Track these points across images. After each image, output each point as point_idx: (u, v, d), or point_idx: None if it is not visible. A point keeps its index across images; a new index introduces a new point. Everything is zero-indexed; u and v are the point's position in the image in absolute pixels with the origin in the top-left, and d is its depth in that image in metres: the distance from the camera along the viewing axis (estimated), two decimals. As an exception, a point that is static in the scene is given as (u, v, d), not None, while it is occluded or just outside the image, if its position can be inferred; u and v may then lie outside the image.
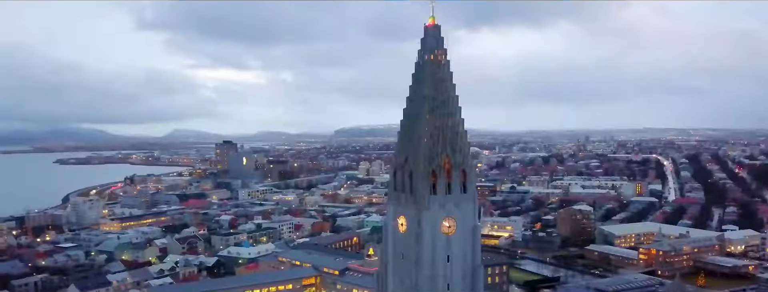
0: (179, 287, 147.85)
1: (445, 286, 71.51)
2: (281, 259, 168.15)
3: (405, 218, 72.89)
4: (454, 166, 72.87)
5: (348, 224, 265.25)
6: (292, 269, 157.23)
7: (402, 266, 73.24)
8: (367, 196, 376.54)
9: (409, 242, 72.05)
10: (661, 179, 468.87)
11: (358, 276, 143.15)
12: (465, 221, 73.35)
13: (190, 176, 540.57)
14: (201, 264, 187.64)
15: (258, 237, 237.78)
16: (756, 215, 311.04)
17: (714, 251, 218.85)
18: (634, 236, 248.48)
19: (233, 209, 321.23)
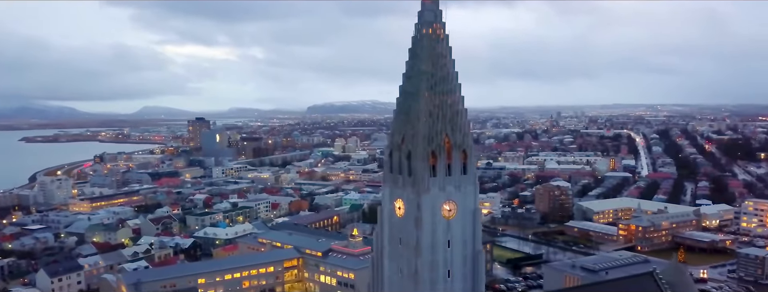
0: (156, 271, 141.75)
1: (445, 272, 67.53)
2: (261, 240, 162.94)
3: (402, 202, 68.34)
4: (454, 146, 68.38)
5: (326, 202, 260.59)
6: (273, 251, 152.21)
7: (399, 251, 68.94)
8: (343, 173, 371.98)
9: (408, 227, 67.65)
10: (634, 154, 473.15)
11: (342, 258, 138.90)
12: (465, 204, 69.18)
13: (161, 153, 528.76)
14: (177, 246, 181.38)
15: (234, 217, 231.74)
16: (727, 190, 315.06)
17: (691, 226, 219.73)
18: (611, 211, 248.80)
19: (207, 188, 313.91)
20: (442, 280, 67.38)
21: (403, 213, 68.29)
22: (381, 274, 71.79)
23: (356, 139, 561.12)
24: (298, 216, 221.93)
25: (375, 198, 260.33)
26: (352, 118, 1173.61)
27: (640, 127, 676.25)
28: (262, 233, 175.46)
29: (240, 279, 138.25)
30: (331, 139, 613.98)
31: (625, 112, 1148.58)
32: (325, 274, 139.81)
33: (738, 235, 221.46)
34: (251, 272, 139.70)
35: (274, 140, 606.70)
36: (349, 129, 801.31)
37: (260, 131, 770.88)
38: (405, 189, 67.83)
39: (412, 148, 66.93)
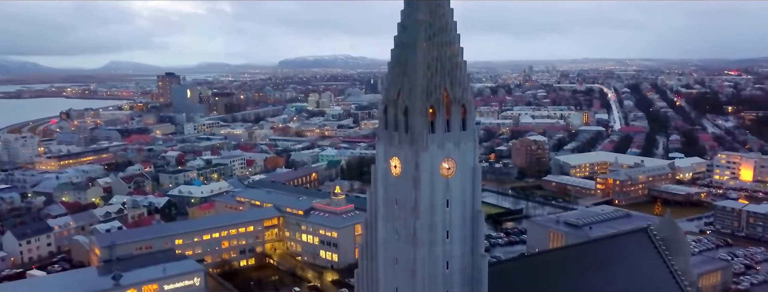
0: (130, 232, 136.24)
1: (444, 233, 63.54)
2: (239, 199, 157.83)
3: (399, 160, 63.56)
4: (454, 101, 63.32)
5: (303, 158, 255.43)
6: (253, 210, 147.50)
7: (395, 212, 64.59)
8: (318, 129, 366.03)
9: (404, 187, 63.12)
10: (606, 108, 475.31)
11: (325, 216, 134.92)
12: (465, 162, 64.69)
13: (130, 109, 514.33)
14: (151, 205, 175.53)
15: (208, 174, 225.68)
16: (698, 143, 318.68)
17: (667, 180, 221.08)
18: (588, 165, 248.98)
19: (179, 145, 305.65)
20: (441, 242, 63.46)
21: (400, 172, 63.64)
22: (375, 236, 67.60)
23: (330, 95, 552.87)
24: (275, 173, 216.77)
25: (352, 154, 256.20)
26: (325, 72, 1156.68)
27: (611, 82, 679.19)
28: (240, 191, 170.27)
29: (219, 239, 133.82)
30: (304, 95, 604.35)
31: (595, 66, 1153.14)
32: (307, 233, 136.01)
33: (711, 187, 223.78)
34: (231, 232, 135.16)
35: (246, 96, 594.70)
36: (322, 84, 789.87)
37: (231, 86, 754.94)
38: (401, 147, 62.97)
39: (410, 103, 61.74)
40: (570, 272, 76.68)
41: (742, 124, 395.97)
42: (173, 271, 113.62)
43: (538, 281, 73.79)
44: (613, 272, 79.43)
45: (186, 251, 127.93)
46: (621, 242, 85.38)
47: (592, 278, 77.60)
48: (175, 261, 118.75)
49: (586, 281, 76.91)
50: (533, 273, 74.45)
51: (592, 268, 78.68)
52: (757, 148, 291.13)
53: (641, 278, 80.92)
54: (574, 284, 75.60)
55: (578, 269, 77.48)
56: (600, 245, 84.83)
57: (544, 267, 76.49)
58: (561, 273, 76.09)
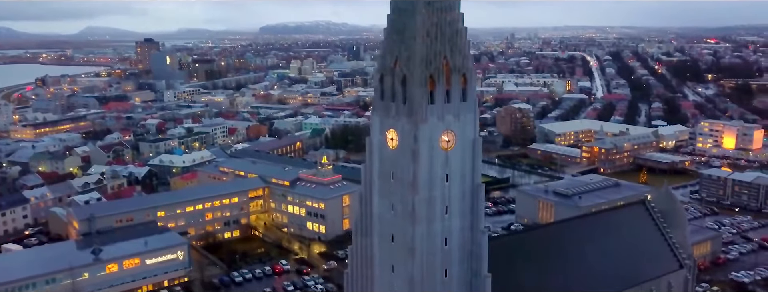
0: (110, 204, 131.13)
1: (442, 208, 60.11)
2: (223, 169, 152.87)
3: (396, 132, 59.47)
4: (454, 70, 59.16)
5: (286, 126, 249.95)
6: (237, 181, 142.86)
7: (391, 187, 60.84)
8: (301, 96, 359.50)
9: (402, 160, 59.25)
10: (588, 75, 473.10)
11: (311, 187, 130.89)
12: (465, 134, 60.95)
13: (108, 76, 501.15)
14: (131, 175, 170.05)
15: (190, 143, 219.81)
16: (679, 111, 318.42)
17: (651, 148, 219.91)
18: (572, 133, 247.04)
19: (159, 112, 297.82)
20: (440, 217, 60.08)
21: (397, 145, 59.61)
22: (369, 211, 63.88)
23: (312, 61, 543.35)
24: (258, 142, 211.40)
25: (336, 122, 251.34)
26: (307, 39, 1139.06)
27: (593, 49, 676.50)
28: (224, 161, 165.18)
29: (202, 211, 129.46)
30: (285, 61, 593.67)
31: (576, 34, 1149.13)
32: (293, 204, 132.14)
33: (694, 155, 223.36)
34: (214, 204, 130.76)
35: (226, 62, 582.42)
36: (303, 51, 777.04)
37: (211, 53, 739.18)
38: (399, 118, 58.81)
39: (408, 72, 57.34)
40: (569, 245, 74.34)
41: (722, 92, 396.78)
42: (155, 244, 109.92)
43: (537, 255, 71.28)
44: (611, 245, 77.30)
45: (168, 224, 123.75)
46: (619, 215, 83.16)
47: (591, 251, 75.42)
48: (157, 234, 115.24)
49: (585, 254, 74.73)
50: (532, 248, 71.87)
51: (590, 241, 76.37)
52: (737, 116, 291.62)
53: (639, 251, 78.84)
54: (573, 258, 73.38)
55: (577, 243, 75.16)
56: (598, 218, 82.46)
57: (542, 241, 73.92)
58: (559, 247, 73.68)
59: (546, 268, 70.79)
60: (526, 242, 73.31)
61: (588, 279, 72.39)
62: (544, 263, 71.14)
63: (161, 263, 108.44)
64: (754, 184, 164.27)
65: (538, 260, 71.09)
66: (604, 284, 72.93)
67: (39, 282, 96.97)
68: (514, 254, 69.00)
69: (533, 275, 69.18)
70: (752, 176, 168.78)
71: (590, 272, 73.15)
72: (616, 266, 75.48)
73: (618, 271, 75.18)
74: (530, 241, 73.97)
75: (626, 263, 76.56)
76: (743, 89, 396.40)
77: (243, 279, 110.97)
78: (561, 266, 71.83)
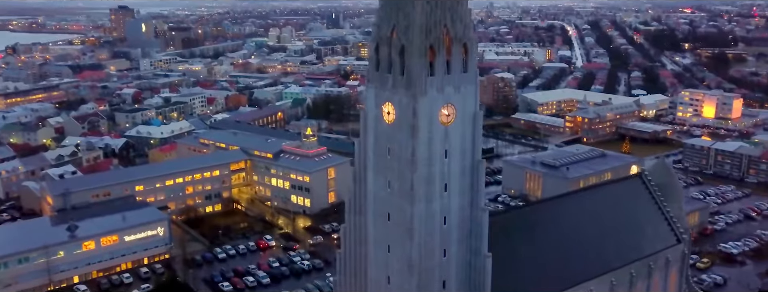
0: (86, 178, 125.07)
1: (442, 186, 56.08)
2: (203, 141, 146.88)
3: (392, 106, 54.90)
4: (455, 39, 54.55)
5: (266, 96, 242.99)
6: (218, 153, 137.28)
7: (387, 164, 56.60)
8: (280, 65, 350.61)
9: (399, 136, 54.90)
10: (568, 44, 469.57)
11: (296, 159, 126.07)
12: (465, 108, 56.66)
13: (82, 44, 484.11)
14: (107, 147, 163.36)
15: (167, 113, 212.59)
16: (658, 80, 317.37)
17: (633, 117, 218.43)
18: (555, 103, 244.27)
19: (135, 82, 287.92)
20: (439, 195, 56.13)
21: (394, 119, 55.10)
22: (364, 189, 59.64)
23: (291, 29, 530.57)
24: (239, 113, 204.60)
25: (318, 92, 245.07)
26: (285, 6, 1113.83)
27: (571, 18, 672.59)
28: (204, 132, 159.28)
29: (183, 185, 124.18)
30: (264, 29, 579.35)
31: (554, 2, 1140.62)
32: (276, 177, 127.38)
33: (675, 124, 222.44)
34: (195, 177, 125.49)
35: (203, 30, 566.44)
36: (282, 18, 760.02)
37: (188, 20, 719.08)
38: (396, 91, 54.17)
39: (407, 41, 52.45)
40: (567, 222, 71.23)
41: (699, 61, 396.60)
42: (134, 220, 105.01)
43: (535, 232, 68.06)
44: (609, 221, 74.35)
45: (147, 198, 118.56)
46: (616, 189, 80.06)
47: (590, 227, 72.37)
48: (136, 209, 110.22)
49: (584, 231, 71.64)
50: (530, 224, 68.49)
51: (588, 217, 73.33)
52: (715, 85, 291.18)
53: (637, 226, 76.10)
54: (571, 235, 70.31)
55: (575, 219, 72.08)
56: (595, 193, 79.46)
57: (540, 218, 70.52)
58: (557, 223, 70.57)
59: (544, 245, 67.62)
60: (524, 219, 69.83)
61: (587, 257, 69.55)
62: (542, 240, 67.95)
63: (141, 239, 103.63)
64: (737, 153, 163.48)
65: (536, 237, 67.87)
66: (604, 262, 70.23)
67: (11, 261, 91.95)
68: (511, 231, 65.50)
69: (531, 252, 66.01)
70: (735, 146, 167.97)
71: (589, 249, 70.24)
72: (615, 242, 72.70)
73: (617, 247, 72.40)
74: (527, 217, 70.52)
75: (625, 238, 73.80)
76: (719, 58, 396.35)
77: (226, 255, 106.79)
78: (559, 244, 68.74)
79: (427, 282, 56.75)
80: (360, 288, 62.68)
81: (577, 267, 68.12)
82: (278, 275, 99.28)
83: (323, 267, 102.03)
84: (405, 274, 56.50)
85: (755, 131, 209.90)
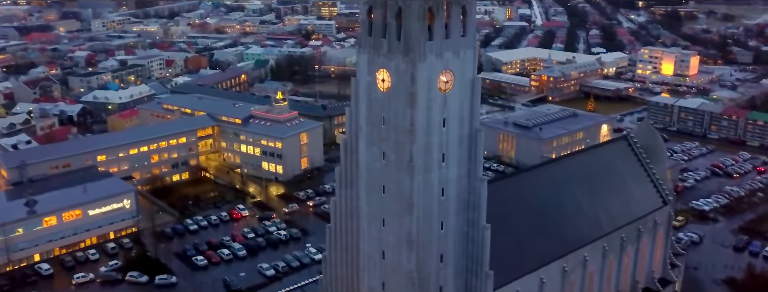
0: (43, 148, 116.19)
1: (439, 157, 51.96)
2: (167, 106, 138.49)
3: (388, 73, 49.98)
4: (453, 1, 49.22)
5: (226, 57, 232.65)
6: (183, 119, 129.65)
7: (381, 134, 52.10)
8: (239, 25, 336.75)
9: (395, 104, 50.30)
10: (527, 3, 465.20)
11: (266, 125, 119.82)
12: (464, 74, 52.22)
13: (28, 4, 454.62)
14: (62, 114, 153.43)
15: (124, 77, 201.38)
16: (616, 37, 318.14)
17: (596, 75, 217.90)
18: (519, 62, 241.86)
19: (88, 44, 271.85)
20: (437, 166, 52.07)
21: (389, 87, 50.21)
22: (355, 160, 55.04)
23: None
24: (201, 76, 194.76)
25: (280, 52, 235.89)
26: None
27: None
28: (167, 98, 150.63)
29: (148, 153, 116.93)
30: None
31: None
32: (246, 143, 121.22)
33: (635, 82, 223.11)
34: (160, 145, 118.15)
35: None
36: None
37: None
38: (392, 57, 49.17)
39: (404, 4, 47.11)
40: (558, 188, 68.49)
41: (654, 18, 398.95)
42: (98, 193, 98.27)
43: (528, 200, 65.20)
44: (598, 185, 72.16)
45: (110, 168, 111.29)
46: (603, 152, 77.70)
47: (580, 192, 69.90)
48: (99, 181, 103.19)
49: (575, 196, 69.16)
50: (522, 192, 65.46)
51: (578, 182, 70.76)
52: (670, 42, 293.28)
53: (626, 189, 74.20)
54: (563, 201, 67.79)
55: (565, 185, 69.38)
56: (584, 157, 76.83)
57: (531, 185, 67.49)
58: (549, 190, 67.77)
59: (537, 213, 64.93)
60: (515, 187, 66.49)
61: (580, 223, 67.36)
62: (535, 208, 65.20)
63: (106, 213, 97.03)
64: (699, 110, 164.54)
65: (529, 205, 65.04)
66: (596, 227, 68.18)
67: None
68: (504, 200, 62.19)
69: (525, 221, 63.29)
70: (697, 103, 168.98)
71: (581, 215, 68.00)
72: (606, 207, 70.60)
73: (607, 212, 70.37)
74: (518, 185, 67.20)
75: (614, 202, 71.79)
76: (672, 16, 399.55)
77: (198, 227, 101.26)
78: (552, 211, 66.16)
79: (424, 256, 53.31)
80: (351, 264, 58.96)
81: (570, 234, 65.83)
82: (254, 246, 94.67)
83: (301, 237, 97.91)
84: (402, 249, 52.77)
85: (711, 88, 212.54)
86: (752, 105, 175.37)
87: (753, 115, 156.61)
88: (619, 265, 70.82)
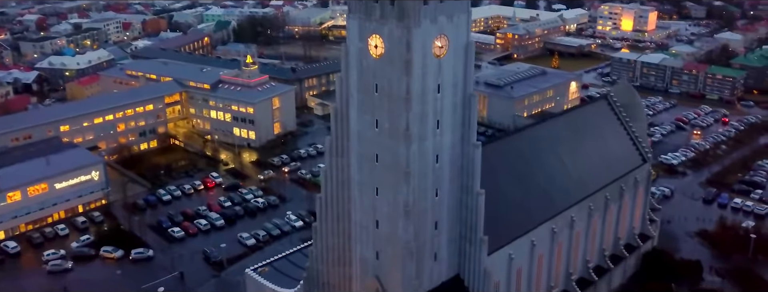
0: (3, 119, 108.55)
1: (434, 123, 49.80)
2: (130, 72, 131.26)
3: (380, 39, 46.89)
4: (447, -42, 46.07)
5: (186, 19, 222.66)
6: (149, 86, 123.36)
7: (374, 101, 49.45)
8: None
9: (389, 71, 47.55)
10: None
11: (236, 90, 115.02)
12: (458, 38, 49.74)
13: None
14: (16, 81, 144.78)
15: (80, 41, 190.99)
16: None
17: (559, 32, 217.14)
18: (483, 19, 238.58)
19: (37, 7, 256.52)
20: (431, 133, 49.95)
21: (382, 53, 47.21)
22: (345, 128, 52.30)
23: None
24: (161, 39, 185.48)
25: (241, 13, 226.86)
26: None
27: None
28: (130, 63, 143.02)
29: (113, 122, 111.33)
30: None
31: None
32: (216, 109, 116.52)
33: (595, 38, 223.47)
34: (126, 113, 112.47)
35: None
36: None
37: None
38: (386, 22, 46.11)
39: (398, -39, 43.71)
40: (543, 150, 67.55)
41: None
42: (64, 165, 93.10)
43: (515, 163, 64.03)
44: (582, 146, 71.59)
45: (74, 139, 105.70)
46: (585, 113, 76.99)
47: (565, 153, 69.12)
48: (63, 152, 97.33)
49: (560, 157, 68.35)
50: (508, 156, 64.11)
51: (563, 142, 70.06)
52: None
53: (608, 149, 73.94)
54: (549, 163, 66.96)
55: (551, 147, 68.55)
56: (567, 119, 75.76)
57: (517, 148, 66.15)
58: (535, 153, 66.78)
59: (525, 176, 64.08)
60: (502, 151, 64.89)
61: (566, 184, 66.72)
62: (522, 171, 64.22)
63: (73, 186, 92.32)
64: (661, 65, 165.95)
65: (517, 168, 64.05)
66: (581, 187, 67.75)
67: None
68: (492, 164, 60.60)
69: (514, 185, 62.40)
70: (658, 58, 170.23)
71: (567, 176, 67.36)
72: (590, 167, 70.14)
73: (592, 172, 69.95)
74: (505, 149, 65.67)
75: (598, 162, 71.39)
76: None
77: (171, 197, 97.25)
78: (539, 173, 65.41)
79: (420, 225, 51.68)
80: (343, 234, 56.99)
81: (557, 196, 65.21)
82: (232, 215, 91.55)
83: (279, 204, 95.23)
84: (397, 218, 50.86)
85: (669, 43, 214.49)
86: (710, 59, 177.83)
87: (712, 70, 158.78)
88: (603, 224, 70.99)
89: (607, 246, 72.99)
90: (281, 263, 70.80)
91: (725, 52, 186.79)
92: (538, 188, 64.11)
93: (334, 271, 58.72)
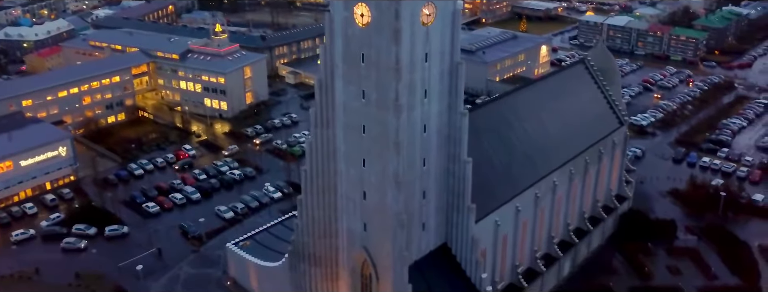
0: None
1: (422, 92, 48.22)
2: (93, 43, 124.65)
3: (367, 7, 44.63)
4: None
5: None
6: (114, 57, 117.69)
7: (360, 72, 47.46)
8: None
9: (376, 40, 45.47)
10: None
11: (206, 59, 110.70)
12: (445, 6, 48.00)
13: None
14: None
15: (36, 11, 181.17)
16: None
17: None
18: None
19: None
20: (419, 102, 48.43)
21: (369, 22, 44.93)
22: (331, 99, 50.23)
23: None
24: (124, 8, 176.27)
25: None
26: None
27: None
28: (93, 33, 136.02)
29: (79, 95, 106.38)
30: None
31: None
32: (185, 80, 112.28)
33: (561, 1, 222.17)
34: (92, 85, 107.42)
35: None
36: None
37: None
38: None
39: None
40: (524, 116, 66.77)
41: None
42: (29, 141, 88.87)
43: (496, 128, 63.08)
44: (561, 110, 70.92)
45: (38, 113, 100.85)
46: (564, 77, 76.08)
47: (546, 119, 68.57)
48: (27, 127, 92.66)
49: (541, 123, 67.79)
50: (491, 122, 62.89)
51: (543, 107, 69.41)
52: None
53: (586, 113, 73.81)
54: (531, 128, 66.28)
55: (531, 113, 67.85)
56: (546, 84, 74.98)
57: (499, 115, 65.03)
58: (517, 119, 65.97)
59: (508, 142, 63.36)
60: (484, 118, 63.62)
61: (548, 149, 66.26)
62: (505, 137, 63.41)
63: (40, 162, 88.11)
64: (627, 28, 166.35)
65: (500, 135, 63.15)
66: (563, 152, 67.47)
67: None
68: (475, 131, 59.59)
69: (497, 151, 61.64)
70: (624, 21, 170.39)
71: (548, 142, 66.83)
72: (569, 132, 69.81)
73: (571, 136, 69.62)
74: (487, 115, 64.34)
75: (577, 126, 71.12)
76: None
77: (143, 171, 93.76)
78: (522, 139, 64.79)
79: (408, 195, 50.61)
80: (329, 206, 55.52)
81: (540, 161, 64.78)
82: (208, 188, 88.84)
83: (256, 175, 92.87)
84: (386, 189, 49.51)
85: (632, 5, 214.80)
86: (673, 21, 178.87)
87: (676, 31, 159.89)
88: (583, 187, 71.19)
89: (586, 208, 73.41)
90: (263, 236, 69.33)
91: (687, 14, 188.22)
92: (522, 154, 63.50)
93: (320, 243, 57.49)
